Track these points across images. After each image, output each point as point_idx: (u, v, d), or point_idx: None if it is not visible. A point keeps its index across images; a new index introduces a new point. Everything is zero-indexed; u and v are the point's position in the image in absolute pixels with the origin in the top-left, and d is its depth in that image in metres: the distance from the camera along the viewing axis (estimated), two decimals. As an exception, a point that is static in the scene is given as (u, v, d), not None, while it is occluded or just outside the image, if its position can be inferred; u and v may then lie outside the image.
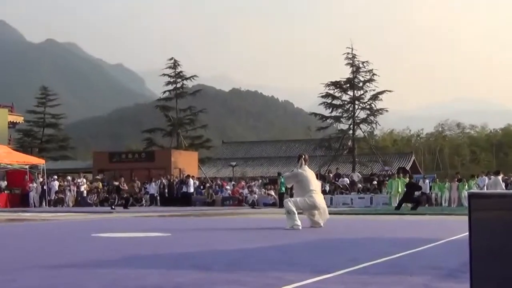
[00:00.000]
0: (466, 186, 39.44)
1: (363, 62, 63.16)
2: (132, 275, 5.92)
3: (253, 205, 40.50)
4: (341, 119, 64.34)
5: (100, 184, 47.40)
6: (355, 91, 63.65)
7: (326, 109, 64.56)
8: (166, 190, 45.45)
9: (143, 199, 44.00)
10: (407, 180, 33.26)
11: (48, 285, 5.40)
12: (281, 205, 38.07)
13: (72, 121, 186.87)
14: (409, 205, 30.01)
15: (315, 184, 15.33)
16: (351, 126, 63.81)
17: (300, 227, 13.83)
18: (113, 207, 34.66)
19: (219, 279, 5.69)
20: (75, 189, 45.16)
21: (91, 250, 8.98)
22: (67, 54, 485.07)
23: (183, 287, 5.27)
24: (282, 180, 39.48)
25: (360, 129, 64.33)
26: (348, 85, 63.66)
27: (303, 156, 15.92)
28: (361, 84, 63.36)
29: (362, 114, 64.05)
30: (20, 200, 43.02)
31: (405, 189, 31.68)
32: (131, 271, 6.21)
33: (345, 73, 64.53)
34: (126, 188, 37.40)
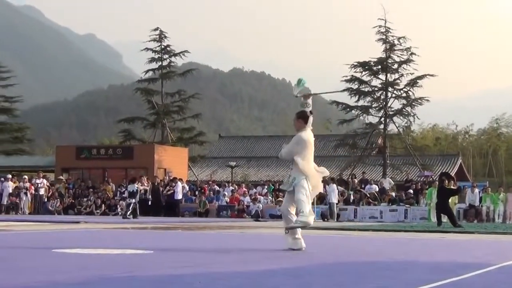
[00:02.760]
0: (527, 198, 39.43)
1: (399, 38, 63.26)
2: (103, 303, 5.97)
3: (257, 217, 40.55)
4: (370, 110, 64.47)
5: (64, 187, 47.50)
6: (388, 75, 63.75)
7: (351, 97, 64.60)
8: (148, 196, 45.33)
9: (118, 206, 44.05)
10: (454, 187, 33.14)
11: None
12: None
13: (29, 106, 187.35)
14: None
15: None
16: (382, 119, 63.87)
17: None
18: (127, 215, 35.67)
19: (212, 310, 5.73)
20: (33, 192, 45.18)
21: (51, 270, 9.02)
22: (24, 21, 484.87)
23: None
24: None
25: (394, 123, 64.47)
26: (379, 66, 63.74)
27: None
28: (396, 65, 63.45)
29: (396, 104, 64.21)
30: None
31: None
32: (102, 297, 6.26)
33: (376, 51, 64.67)
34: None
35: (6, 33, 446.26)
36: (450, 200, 34.19)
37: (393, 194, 44.76)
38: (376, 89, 64.04)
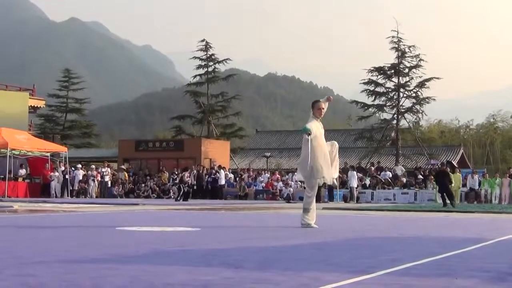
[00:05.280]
0: (519, 182, 39.17)
1: (409, 47, 62.95)
2: (158, 272, 5.97)
3: (288, 199, 40.52)
4: (385, 108, 64.24)
5: (126, 174, 47.75)
6: (400, 78, 63.44)
7: (368, 97, 64.45)
8: (196, 182, 45.50)
9: (170, 191, 44.24)
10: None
11: (68, 280, 5.45)
12: (318, 199, 38.16)
13: (96, 106, 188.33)
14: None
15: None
16: (395, 115, 63.64)
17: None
18: (178, 198, 35.99)
19: (250, 278, 5.71)
20: (99, 179, 45.48)
21: (114, 244, 9.05)
22: (92, 34, 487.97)
23: (212, 286, 5.29)
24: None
25: (405, 119, 64.17)
26: (392, 71, 63.44)
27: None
28: (406, 70, 63.12)
29: (407, 103, 63.92)
30: (40, 190, 43.47)
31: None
32: (157, 268, 6.26)
33: (390, 58, 64.38)
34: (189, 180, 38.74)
35: (79, 46, 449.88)
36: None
37: (405, 179, 44.55)
38: (389, 90, 63.80)
